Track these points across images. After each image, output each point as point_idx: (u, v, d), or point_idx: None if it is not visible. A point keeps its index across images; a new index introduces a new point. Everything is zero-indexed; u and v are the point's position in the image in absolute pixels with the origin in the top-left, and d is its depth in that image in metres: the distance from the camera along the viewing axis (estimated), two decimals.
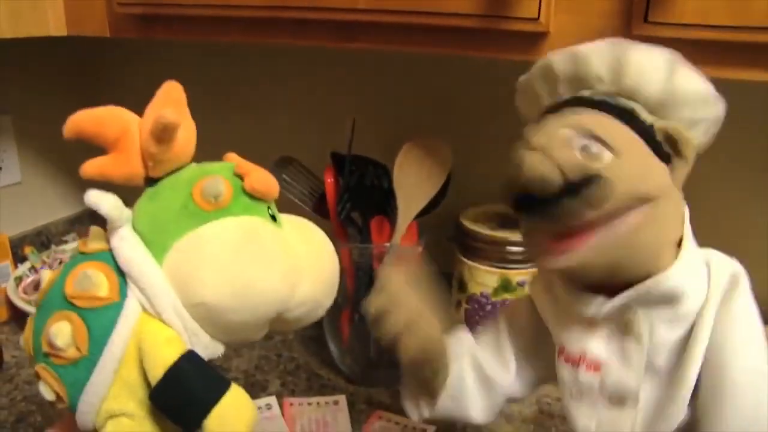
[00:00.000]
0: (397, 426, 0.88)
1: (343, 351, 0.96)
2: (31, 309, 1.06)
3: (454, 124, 1.04)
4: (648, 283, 0.51)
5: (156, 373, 0.44)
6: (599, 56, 0.53)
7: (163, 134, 0.48)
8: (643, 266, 0.50)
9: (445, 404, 0.66)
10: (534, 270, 0.89)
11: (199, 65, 1.22)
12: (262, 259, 0.48)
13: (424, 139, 0.89)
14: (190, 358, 0.45)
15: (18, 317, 1.13)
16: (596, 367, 0.56)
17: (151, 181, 0.52)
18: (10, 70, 1.18)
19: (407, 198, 0.86)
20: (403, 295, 0.61)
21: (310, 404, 0.92)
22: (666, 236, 0.51)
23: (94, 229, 0.51)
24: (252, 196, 0.50)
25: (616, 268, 0.50)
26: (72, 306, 0.45)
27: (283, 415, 0.90)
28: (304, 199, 0.91)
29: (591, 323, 0.55)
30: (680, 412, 0.51)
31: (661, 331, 0.52)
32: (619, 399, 0.55)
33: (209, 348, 0.48)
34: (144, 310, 0.46)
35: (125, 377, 0.45)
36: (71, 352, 0.44)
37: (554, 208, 0.48)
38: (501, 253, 0.89)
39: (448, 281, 0.97)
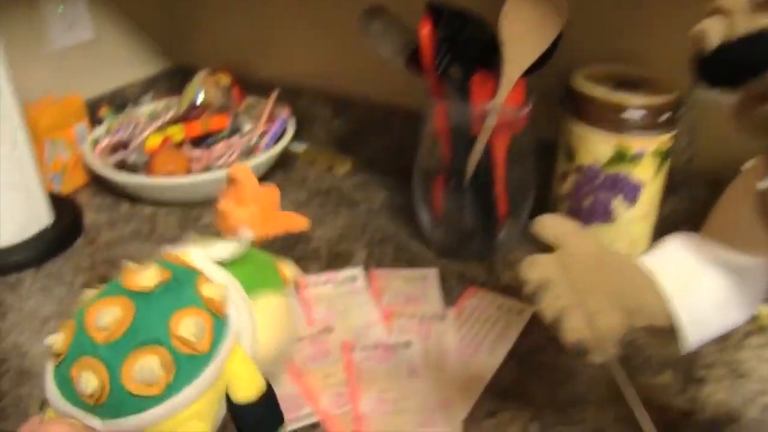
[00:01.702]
0: (493, 304, 0.81)
1: (435, 222, 0.88)
2: (107, 171, 1.02)
3: None
4: None
5: (249, 393, 0.47)
6: None
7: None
8: None
9: (697, 334, 0.52)
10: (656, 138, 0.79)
11: None
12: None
13: None
14: (271, 387, 0.49)
15: (96, 180, 1.10)
16: None
17: None
18: None
19: (515, 51, 0.75)
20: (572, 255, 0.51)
21: (398, 277, 0.86)
22: None
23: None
24: None
25: None
26: (169, 345, 0.44)
27: (369, 288, 0.84)
28: (396, 54, 0.82)
29: None
30: None
31: None
32: None
33: None
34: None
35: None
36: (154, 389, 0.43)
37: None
38: (617, 118, 0.78)
39: (553, 150, 0.87)
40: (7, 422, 0.67)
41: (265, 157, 1.04)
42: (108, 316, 0.43)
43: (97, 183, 1.10)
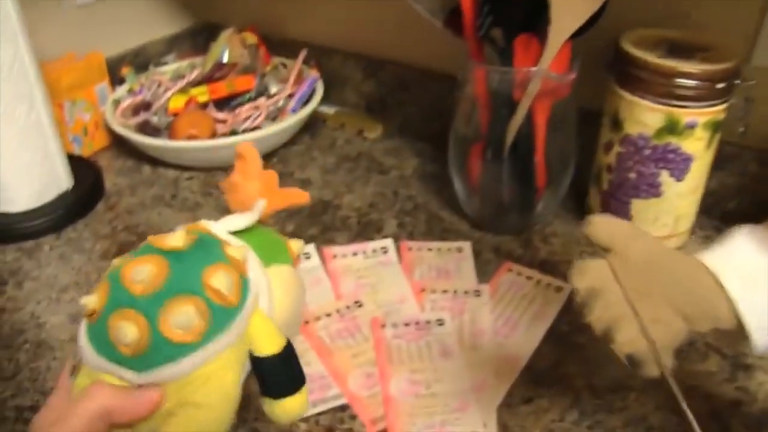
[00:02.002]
0: (530, 281, 0.77)
1: (470, 192, 0.84)
2: (128, 133, 0.98)
3: None
4: None
5: (271, 347, 0.48)
6: None
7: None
8: None
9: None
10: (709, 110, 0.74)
11: None
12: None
13: None
14: (292, 345, 0.50)
15: (117, 142, 1.06)
16: None
17: None
18: None
19: (562, 12, 0.70)
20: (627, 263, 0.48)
21: (430, 250, 0.82)
22: None
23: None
24: None
25: None
26: (203, 295, 0.46)
27: (400, 260, 0.81)
28: (436, 13, 0.77)
29: None
30: None
31: None
32: None
33: None
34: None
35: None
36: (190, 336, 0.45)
37: None
38: (669, 86, 0.73)
39: (596, 119, 0.82)
40: (25, 397, 0.64)
41: (292, 120, 0.99)
42: (144, 271, 0.44)
43: (119, 145, 1.07)
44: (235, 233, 0.54)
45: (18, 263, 0.82)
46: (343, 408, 0.62)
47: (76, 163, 0.95)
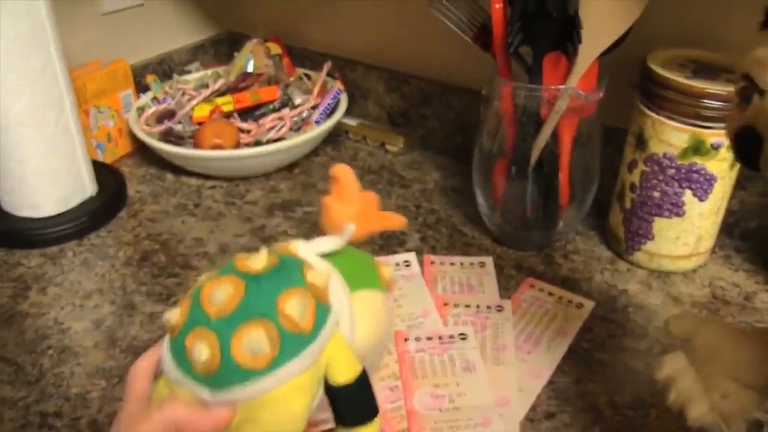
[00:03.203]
0: (551, 297, 0.78)
1: (493, 207, 0.84)
2: (152, 141, 0.99)
3: None
4: None
5: (347, 376, 0.48)
6: None
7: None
8: None
9: None
10: None
11: None
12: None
13: None
14: (367, 374, 0.50)
15: (140, 150, 1.07)
16: None
17: None
18: None
19: (593, 30, 0.70)
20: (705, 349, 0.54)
21: (453, 264, 0.83)
22: None
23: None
24: None
25: None
26: (276, 320, 0.46)
27: (422, 274, 0.81)
28: (464, 28, 0.77)
29: None
30: None
31: None
32: None
33: None
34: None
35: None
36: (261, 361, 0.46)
37: None
38: (696, 107, 0.73)
39: (620, 136, 0.83)
40: (49, 402, 0.65)
41: (316, 131, 1.00)
42: (221, 292, 0.46)
43: (142, 153, 1.07)
44: (326, 256, 0.54)
45: (42, 269, 0.82)
46: None
47: (99, 169, 0.96)
